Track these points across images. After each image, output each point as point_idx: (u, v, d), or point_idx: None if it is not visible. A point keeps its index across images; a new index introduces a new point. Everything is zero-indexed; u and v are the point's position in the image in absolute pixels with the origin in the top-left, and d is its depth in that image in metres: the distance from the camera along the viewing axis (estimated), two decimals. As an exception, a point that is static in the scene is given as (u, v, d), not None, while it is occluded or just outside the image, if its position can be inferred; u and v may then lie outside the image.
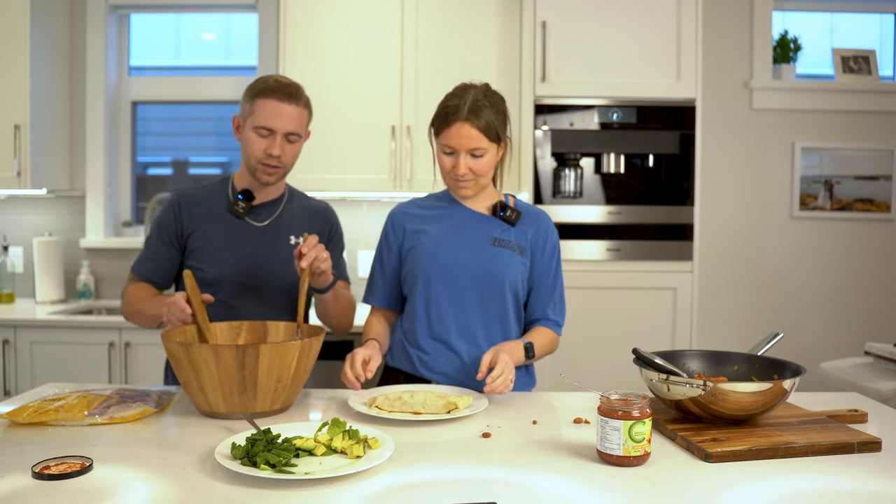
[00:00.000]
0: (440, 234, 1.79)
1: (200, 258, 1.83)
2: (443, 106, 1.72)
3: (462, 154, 1.69)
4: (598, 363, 2.88)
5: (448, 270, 1.75)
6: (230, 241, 1.83)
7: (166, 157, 3.82)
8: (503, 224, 1.81)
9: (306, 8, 3.10)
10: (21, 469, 1.14)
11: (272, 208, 1.90)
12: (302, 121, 1.81)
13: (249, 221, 1.86)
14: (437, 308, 1.76)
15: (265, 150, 1.77)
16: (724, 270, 3.48)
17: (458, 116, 1.67)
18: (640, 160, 2.91)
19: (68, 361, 2.91)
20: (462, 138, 1.67)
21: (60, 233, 3.50)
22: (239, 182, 1.89)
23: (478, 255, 1.76)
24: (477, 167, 1.71)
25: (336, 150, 3.13)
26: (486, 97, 1.70)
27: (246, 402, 1.43)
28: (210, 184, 1.93)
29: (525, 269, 1.80)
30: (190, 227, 1.84)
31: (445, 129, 1.69)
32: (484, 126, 1.67)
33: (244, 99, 1.82)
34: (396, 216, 1.86)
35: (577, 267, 2.88)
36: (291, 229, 1.89)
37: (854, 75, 3.47)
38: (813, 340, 3.46)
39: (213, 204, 1.87)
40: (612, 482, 1.13)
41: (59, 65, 3.37)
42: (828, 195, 3.47)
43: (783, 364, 1.45)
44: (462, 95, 1.70)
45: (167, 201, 1.89)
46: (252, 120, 1.77)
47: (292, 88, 1.78)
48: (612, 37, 2.87)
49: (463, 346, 1.76)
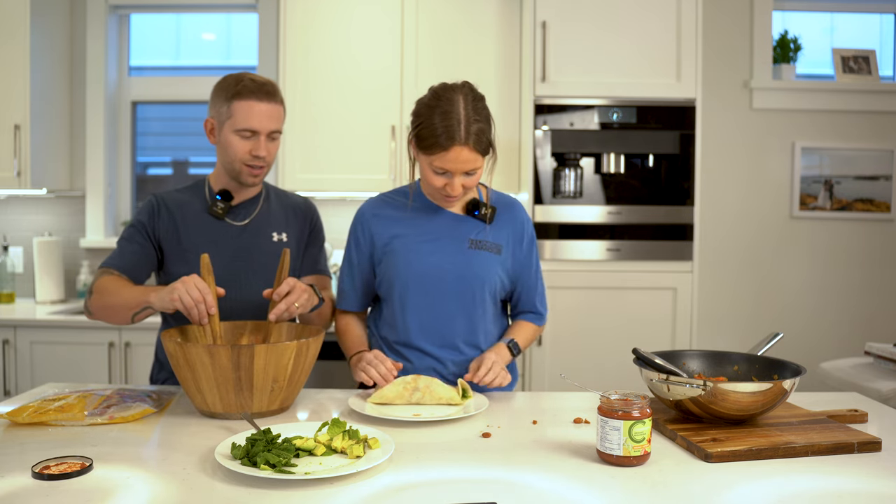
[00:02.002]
0: (415, 239, 1.73)
1: (181, 260, 1.79)
2: (431, 122, 1.58)
3: (457, 175, 1.61)
4: (598, 363, 2.88)
5: (425, 277, 1.71)
6: (211, 242, 1.80)
7: (166, 157, 3.82)
8: (479, 223, 1.76)
9: (306, 8, 3.10)
10: (21, 469, 1.14)
11: (251, 207, 1.87)
12: (281, 118, 1.79)
13: (229, 222, 1.83)
14: (417, 315, 1.72)
15: (250, 152, 1.74)
16: (724, 270, 3.48)
17: (454, 140, 1.55)
18: (640, 160, 2.91)
19: (68, 361, 2.91)
20: (460, 163, 1.58)
21: (60, 233, 3.50)
22: (216, 183, 1.86)
23: (455, 260, 1.71)
24: (470, 183, 1.64)
25: (336, 150, 3.13)
26: (476, 110, 1.59)
27: (242, 402, 1.43)
28: (185, 187, 1.89)
29: (503, 267, 1.76)
30: (168, 231, 1.80)
31: (441, 153, 1.57)
32: (480, 146, 1.58)
33: (217, 100, 1.76)
34: (365, 219, 1.78)
35: (577, 267, 2.88)
36: (272, 226, 1.87)
37: (854, 75, 3.47)
38: (813, 340, 3.46)
39: (191, 206, 1.83)
40: (612, 482, 1.13)
41: (59, 65, 3.37)
42: (828, 195, 3.47)
43: (783, 364, 1.45)
44: (450, 110, 1.56)
45: (146, 202, 1.85)
46: (232, 122, 1.73)
47: (269, 87, 1.75)
48: (613, 37, 2.87)
49: (444, 352, 1.74)
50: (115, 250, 1.79)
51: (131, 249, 1.77)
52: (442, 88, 1.62)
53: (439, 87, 1.63)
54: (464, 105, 1.58)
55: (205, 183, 1.89)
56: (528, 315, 1.85)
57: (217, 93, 1.76)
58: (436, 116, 1.57)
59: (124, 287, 1.66)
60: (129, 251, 1.77)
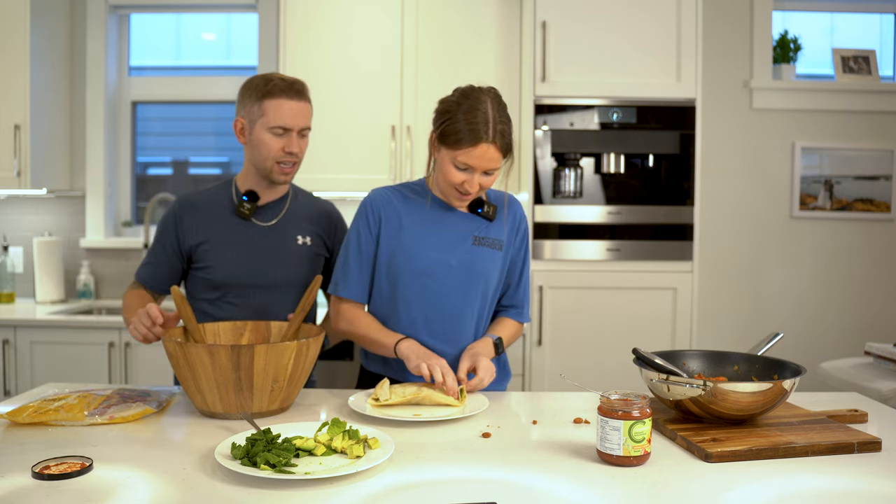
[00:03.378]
0: (421, 234, 1.74)
1: (208, 261, 1.83)
2: (458, 118, 1.61)
3: (478, 173, 1.64)
4: (598, 363, 2.88)
5: (430, 271, 1.72)
6: (237, 242, 1.84)
7: (166, 157, 3.82)
8: (482, 221, 1.78)
9: (306, 8, 3.10)
10: (21, 469, 1.14)
11: (278, 208, 1.90)
12: (310, 115, 1.84)
13: (256, 222, 1.87)
14: (421, 310, 1.73)
15: (283, 149, 1.78)
16: (724, 270, 3.48)
17: (483, 138, 1.59)
18: (640, 160, 2.91)
19: (68, 361, 2.91)
20: (485, 160, 1.62)
21: (60, 233, 3.50)
22: (243, 183, 1.89)
23: (460, 256, 1.73)
24: (487, 183, 1.67)
25: (336, 149, 3.13)
26: (500, 111, 1.63)
27: (242, 402, 1.43)
28: (213, 187, 1.93)
29: (503, 263, 1.80)
30: (193, 232, 1.84)
31: (467, 147, 1.60)
32: (505, 146, 1.63)
33: (248, 100, 1.80)
34: (376, 205, 1.76)
35: (577, 267, 2.88)
36: (298, 228, 1.90)
37: (854, 75, 3.47)
38: (813, 340, 3.46)
39: (217, 207, 1.87)
40: (612, 482, 1.13)
41: (59, 65, 3.37)
42: (828, 195, 3.47)
43: (783, 364, 1.45)
44: (479, 108, 1.60)
45: (169, 207, 1.90)
46: (265, 121, 1.77)
47: (299, 85, 1.80)
48: (613, 37, 2.87)
49: (447, 347, 1.74)
50: (145, 259, 1.91)
51: (151, 262, 1.88)
52: (470, 89, 1.67)
53: (467, 88, 1.67)
54: (491, 106, 1.62)
55: (232, 183, 1.92)
56: (511, 311, 1.86)
57: (246, 93, 1.81)
58: (465, 113, 1.61)
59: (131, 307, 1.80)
60: (150, 264, 1.88)
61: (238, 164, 3.77)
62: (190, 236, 1.84)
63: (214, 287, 1.83)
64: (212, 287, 1.84)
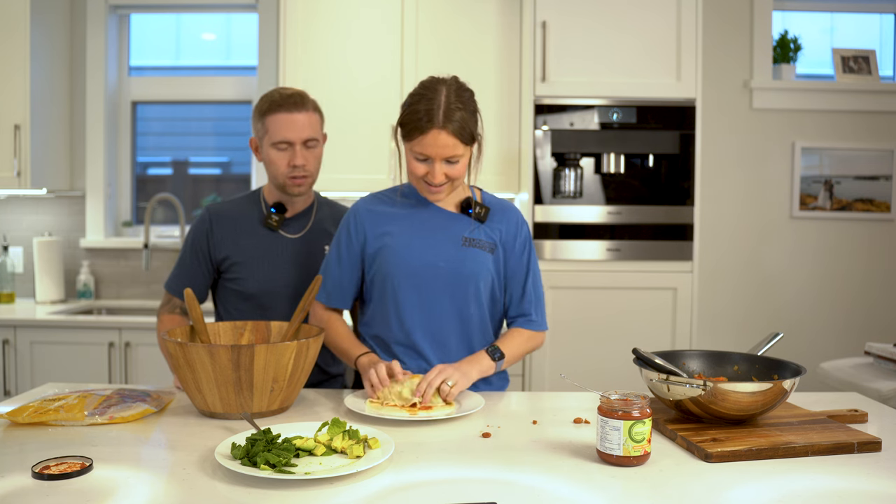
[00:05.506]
0: (408, 236, 1.71)
1: (238, 272, 1.86)
2: (413, 108, 1.60)
3: (437, 162, 1.61)
4: (598, 363, 2.88)
5: (418, 274, 1.69)
6: (267, 254, 1.86)
7: (166, 157, 3.82)
8: (473, 222, 1.74)
9: (306, 8, 3.10)
10: (21, 469, 1.14)
11: (304, 219, 1.93)
12: (314, 125, 1.84)
13: (283, 234, 1.89)
14: (410, 313, 1.70)
15: (289, 163, 1.80)
16: (724, 270, 3.48)
17: (433, 123, 1.57)
18: (640, 160, 2.91)
19: (68, 361, 2.91)
20: (438, 147, 1.59)
21: (60, 233, 3.50)
22: (269, 196, 1.92)
23: (448, 257, 1.69)
24: (452, 172, 1.63)
25: (336, 149, 3.13)
26: (458, 97, 1.60)
27: (242, 402, 1.43)
28: (240, 197, 1.96)
29: (497, 266, 1.75)
30: (223, 243, 1.87)
31: (419, 136, 1.59)
32: (459, 131, 1.59)
33: (255, 120, 1.85)
34: (359, 215, 1.75)
35: (577, 267, 2.88)
36: (325, 238, 1.92)
37: (854, 75, 3.47)
38: (813, 340, 3.46)
39: (247, 219, 1.90)
40: (612, 482, 1.13)
41: (59, 65, 3.37)
42: (828, 195, 3.47)
43: (783, 364, 1.45)
44: (433, 97, 1.58)
45: (199, 218, 1.91)
46: (268, 138, 1.81)
47: (296, 97, 1.81)
48: (612, 37, 2.87)
49: (436, 352, 1.72)
50: (174, 268, 1.92)
51: (188, 273, 1.89)
52: (429, 80, 1.65)
53: (427, 79, 1.66)
54: (446, 94, 1.60)
55: (259, 195, 1.94)
56: (520, 320, 1.79)
57: (254, 113, 1.86)
58: (418, 103, 1.60)
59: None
60: (187, 275, 1.89)
61: (238, 164, 3.77)
62: (221, 248, 1.87)
63: (245, 298, 1.87)
64: (243, 298, 1.87)
